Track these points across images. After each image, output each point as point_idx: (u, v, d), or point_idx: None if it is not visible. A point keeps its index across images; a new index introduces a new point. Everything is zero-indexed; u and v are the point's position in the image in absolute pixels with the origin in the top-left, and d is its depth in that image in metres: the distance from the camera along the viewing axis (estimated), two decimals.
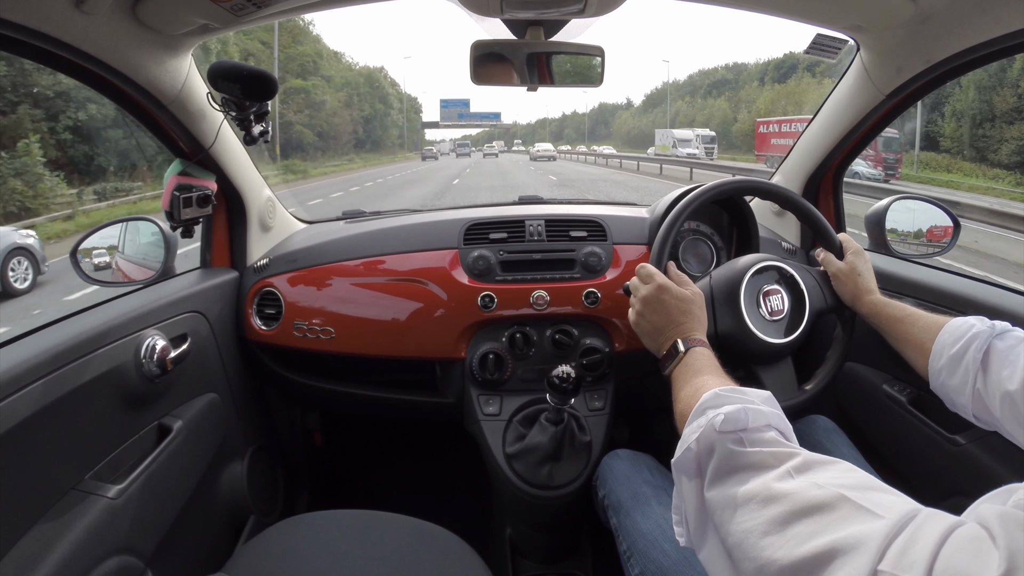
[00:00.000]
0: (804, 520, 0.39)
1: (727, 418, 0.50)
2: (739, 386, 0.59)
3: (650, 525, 0.79)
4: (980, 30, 0.78)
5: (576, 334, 1.13)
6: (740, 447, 0.48)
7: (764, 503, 0.42)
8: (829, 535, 0.37)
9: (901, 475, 0.98)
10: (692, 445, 0.51)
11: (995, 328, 0.69)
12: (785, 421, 0.52)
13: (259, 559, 0.80)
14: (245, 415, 1.20)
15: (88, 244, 1.04)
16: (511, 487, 1.04)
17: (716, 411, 0.51)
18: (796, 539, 0.38)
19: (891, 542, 0.34)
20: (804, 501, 0.40)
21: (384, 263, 1.17)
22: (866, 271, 0.90)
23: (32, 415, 0.68)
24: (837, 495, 0.39)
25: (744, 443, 0.48)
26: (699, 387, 0.60)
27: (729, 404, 0.52)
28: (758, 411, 0.50)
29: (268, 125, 1.02)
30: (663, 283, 0.79)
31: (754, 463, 0.46)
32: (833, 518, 0.38)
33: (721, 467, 0.49)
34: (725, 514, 0.46)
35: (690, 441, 0.52)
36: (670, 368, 0.72)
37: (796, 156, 1.27)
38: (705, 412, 0.53)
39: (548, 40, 0.96)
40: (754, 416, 0.50)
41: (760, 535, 0.41)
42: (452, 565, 0.80)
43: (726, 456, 0.48)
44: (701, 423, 0.52)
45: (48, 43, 0.69)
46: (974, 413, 0.70)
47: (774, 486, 0.43)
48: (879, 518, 0.36)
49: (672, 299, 0.78)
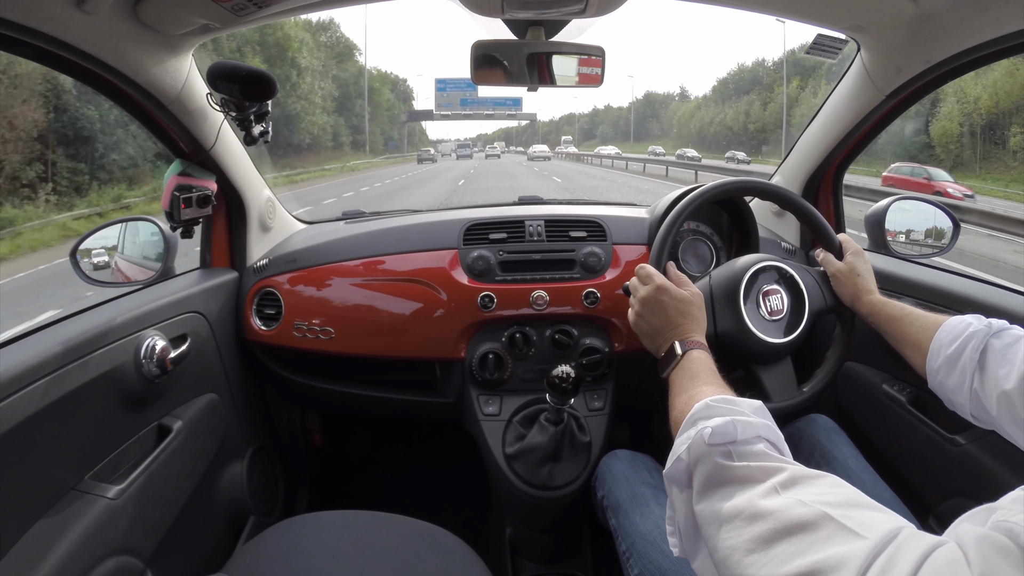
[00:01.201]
0: (788, 539, 0.39)
1: (715, 431, 0.50)
2: (734, 394, 0.59)
3: (649, 526, 0.79)
4: (980, 30, 0.78)
5: (576, 334, 1.13)
6: (728, 460, 0.49)
7: (749, 520, 0.43)
8: (811, 555, 0.37)
9: (901, 475, 0.98)
10: (683, 456, 0.52)
11: (992, 327, 0.69)
12: (776, 432, 0.52)
13: (259, 559, 0.80)
14: (245, 415, 1.20)
15: (88, 244, 1.04)
16: (511, 487, 1.04)
17: (706, 423, 0.51)
18: (779, 558, 0.39)
19: (871, 564, 0.35)
20: (788, 520, 0.40)
21: (384, 263, 1.17)
22: (866, 271, 0.90)
23: (32, 415, 0.68)
24: (821, 514, 0.39)
25: (732, 456, 0.49)
26: (693, 395, 0.60)
27: (719, 416, 0.52)
28: (747, 423, 0.51)
29: (268, 125, 1.02)
30: (662, 284, 0.80)
31: (741, 477, 0.47)
32: (816, 538, 0.38)
33: (709, 480, 0.49)
34: (711, 529, 0.47)
35: (680, 452, 0.52)
36: (668, 371, 0.72)
37: (796, 156, 1.26)
38: (696, 423, 0.53)
39: (548, 40, 0.96)
40: (743, 428, 0.50)
41: (744, 552, 0.42)
42: (452, 565, 0.80)
43: (713, 469, 0.49)
44: (691, 434, 0.52)
45: (49, 43, 0.69)
46: (972, 412, 0.70)
47: (759, 503, 0.43)
48: (861, 538, 0.36)
49: (671, 300, 0.78)
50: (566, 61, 0.96)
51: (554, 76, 0.97)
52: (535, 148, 43.35)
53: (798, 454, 0.87)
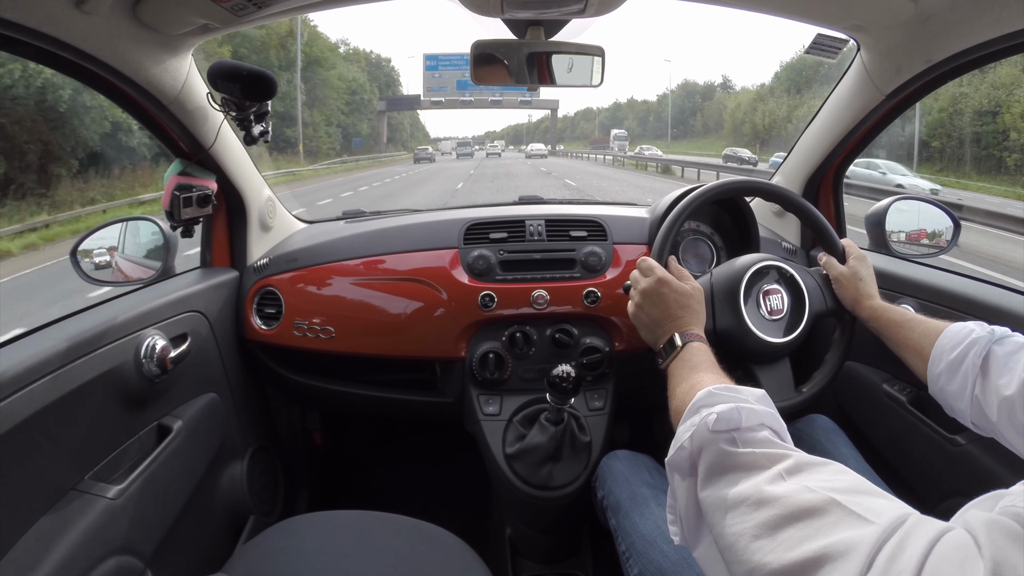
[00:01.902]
0: (795, 524, 0.39)
1: (720, 417, 0.50)
2: (734, 383, 0.58)
3: (649, 526, 0.79)
4: (980, 30, 0.78)
5: (576, 333, 1.13)
6: (732, 447, 0.48)
7: (755, 506, 0.43)
8: (819, 540, 0.37)
9: (901, 475, 0.98)
10: (686, 443, 0.52)
11: (994, 334, 0.69)
12: (779, 420, 0.52)
13: (259, 559, 0.80)
14: (245, 415, 1.20)
15: (88, 244, 1.04)
16: (511, 487, 1.04)
17: (709, 410, 0.51)
18: (786, 543, 0.39)
19: (880, 549, 0.34)
20: (795, 505, 0.40)
21: (384, 263, 1.17)
22: (868, 276, 0.89)
23: (32, 415, 0.68)
24: (828, 499, 0.39)
25: (737, 443, 0.48)
26: (694, 384, 0.60)
27: (723, 403, 0.52)
28: (751, 410, 0.50)
29: (268, 125, 1.02)
30: (663, 276, 0.79)
31: (746, 464, 0.47)
32: (824, 523, 0.38)
33: (713, 467, 0.49)
34: (717, 515, 0.46)
35: (683, 439, 0.52)
36: (667, 362, 0.72)
37: (796, 156, 1.26)
38: (699, 411, 0.53)
39: (548, 40, 0.97)
40: (747, 415, 0.50)
41: (751, 538, 0.41)
42: (452, 565, 0.80)
43: (718, 456, 0.49)
44: (694, 422, 0.52)
45: (48, 43, 0.69)
46: (972, 419, 0.70)
47: (765, 489, 0.43)
48: (869, 524, 0.36)
49: (671, 292, 0.78)
50: (566, 60, 0.96)
51: (553, 76, 0.97)
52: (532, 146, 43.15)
53: None
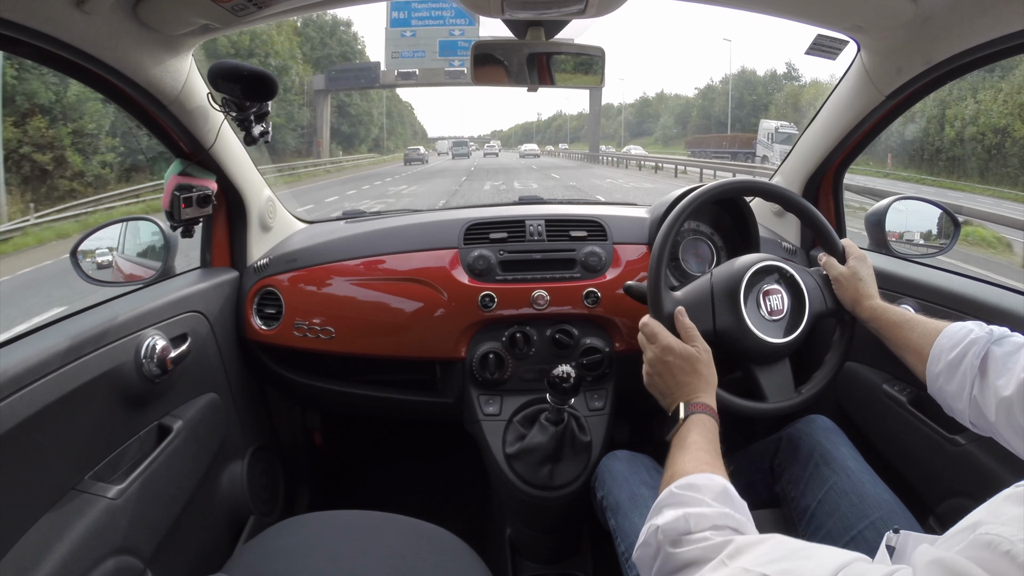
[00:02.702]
0: None
1: (663, 528, 0.54)
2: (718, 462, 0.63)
3: None
4: (980, 31, 0.78)
5: (576, 334, 1.13)
6: (676, 548, 0.53)
7: None
8: None
9: (901, 475, 0.97)
10: (648, 541, 0.56)
11: (993, 334, 0.69)
12: (734, 516, 0.55)
13: (259, 559, 0.80)
14: (245, 415, 1.20)
15: (88, 244, 1.04)
16: (511, 487, 1.04)
17: (658, 518, 0.56)
18: None
19: None
20: None
21: (384, 263, 1.17)
22: (868, 276, 0.89)
23: (32, 415, 0.68)
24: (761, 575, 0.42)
25: (681, 544, 0.53)
26: (675, 471, 0.63)
27: (673, 509, 0.55)
28: (701, 515, 0.54)
29: (268, 125, 1.02)
30: (666, 344, 0.78)
31: (691, 560, 0.51)
32: None
33: (663, 568, 0.54)
34: None
35: (642, 539, 0.56)
36: (670, 434, 0.72)
37: (796, 157, 1.26)
38: (661, 511, 0.57)
39: (548, 40, 0.97)
40: (695, 521, 0.53)
41: None
42: (452, 565, 0.80)
43: (665, 558, 0.53)
44: (652, 524, 0.56)
45: (48, 43, 0.69)
46: (971, 419, 0.70)
47: None
48: None
49: (676, 360, 0.77)
50: (566, 61, 0.97)
51: (554, 76, 0.97)
52: (525, 147, 45.90)
53: (798, 455, 0.87)
